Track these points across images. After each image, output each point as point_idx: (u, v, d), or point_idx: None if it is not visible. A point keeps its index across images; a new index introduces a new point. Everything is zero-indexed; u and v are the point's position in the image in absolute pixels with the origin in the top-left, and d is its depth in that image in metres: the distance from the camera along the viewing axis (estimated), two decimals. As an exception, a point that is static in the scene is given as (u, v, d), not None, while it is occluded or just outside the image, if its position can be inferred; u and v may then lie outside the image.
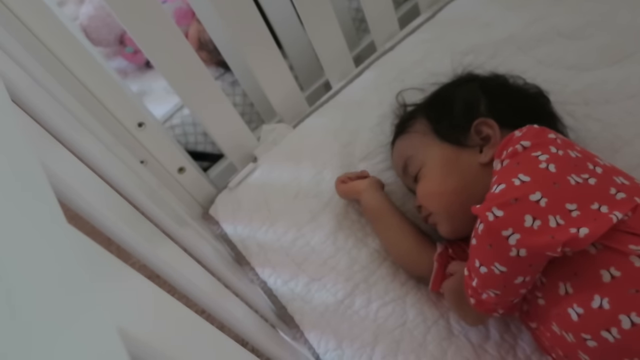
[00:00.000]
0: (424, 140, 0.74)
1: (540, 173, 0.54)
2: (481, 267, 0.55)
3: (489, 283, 0.55)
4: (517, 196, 0.52)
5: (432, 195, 0.70)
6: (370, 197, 0.77)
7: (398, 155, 0.78)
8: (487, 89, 0.75)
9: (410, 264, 0.75)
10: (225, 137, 0.92)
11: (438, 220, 0.71)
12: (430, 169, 0.71)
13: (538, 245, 0.50)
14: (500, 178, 0.56)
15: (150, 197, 0.60)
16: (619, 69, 0.82)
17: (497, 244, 0.52)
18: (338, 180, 0.82)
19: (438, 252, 0.71)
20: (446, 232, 0.71)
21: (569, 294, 0.53)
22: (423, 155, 0.73)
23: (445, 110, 0.75)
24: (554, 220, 0.50)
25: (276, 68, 0.93)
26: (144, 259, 0.44)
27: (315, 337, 0.73)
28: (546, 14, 0.92)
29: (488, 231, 0.53)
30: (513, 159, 0.58)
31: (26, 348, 0.19)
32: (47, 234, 0.25)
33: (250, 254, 0.84)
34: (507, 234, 0.51)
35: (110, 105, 0.76)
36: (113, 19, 1.31)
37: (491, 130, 0.69)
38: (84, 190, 0.38)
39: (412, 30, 1.03)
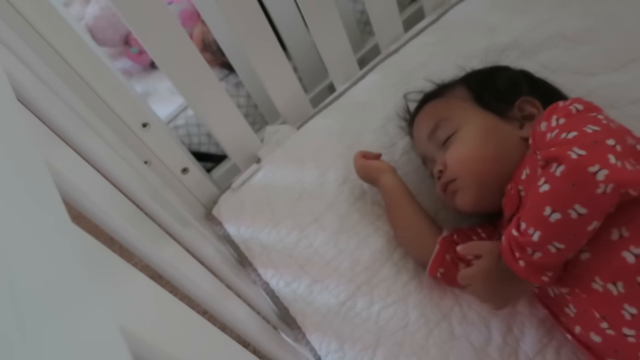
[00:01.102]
0: (463, 105, 0.74)
1: (605, 126, 0.55)
2: (553, 214, 0.51)
3: (558, 233, 0.51)
4: (595, 139, 0.52)
5: (466, 160, 0.69)
6: (392, 177, 0.78)
7: (428, 117, 0.76)
8: (526, 74, 0.77)
9: (416, 246, 0.75)
10: (229, 138, 0.92)
11: (463, 187, 0.69)
12: (467, 133, 0.70)
13: (628, 179, 0.49)
14: (565, 127, 0.56)
15: (153, 198, 0.60)
16: (623, 74, 0.82)
17: (583, 182, 0.49)
18: (359, 154, 0.81)
19: (443, 236, 0.72)
20: (467, 201, 0.69)
21: (623, 237, 0.52)
22: (460, 119, 0.72)
23: (489, 83, 0.76)
24: (629, 165, 0.50)
25: (280, 70, 0.93)
26: (146, 258, 0.44)
27: (317, 339, 0.73)
28: (550, 18, 0.92)
29: (572, 169, 0.50)
30: (571, 118, 0.59)
31: (29, 346, 0.19)
32: (51, 233, 0.25)
33: (253, 255, 0.84)
34: (595, 169, 0.49)
35: (115, 105, 0.76)
36: (119, 20, 1.32)
37: (535, 110, 0.71)
38: (88, 189, 0.38)
39: (417, 33, 1.03)
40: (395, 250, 0.79)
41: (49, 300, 0.21)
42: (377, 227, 0.81)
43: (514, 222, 0.56)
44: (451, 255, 0.70)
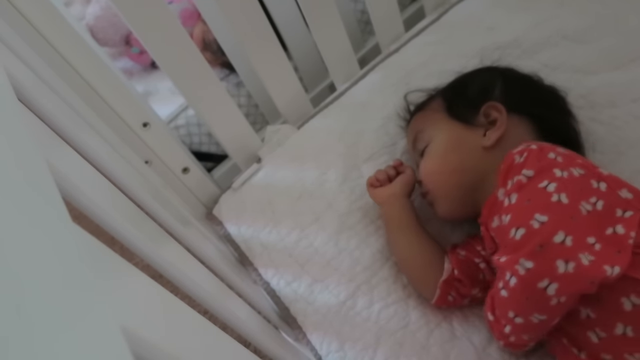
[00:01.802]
0: (435, 116, 0.75)
1: (555, 208, 0.53)
2: (516, 318, 0.54)
3: (525, 330, 0.55)
4: (541, 242, 0.50)
5: (432, 173, 0.72)
6: (388, 210, 0.77)
7: (410, 130, 0.80)
8: (506, 76, 0.76)
9: (415, 281, 0.74)
10: (229, 137, 0.92)
11: (434, 199, 0.72)
12: (434, 146, 0.72)
13: (578, 290, 0.50)
14: (515, 219, 0.54)
15: (154, 197, 0.60)
16: (624, 73, 0.82)
17: (534, 297, 0.50)
18: (368, 183, 0.81)
19: (443, 279, 0.70)
20: (441, 212, 0.72)
21: (590, 319, 0.53)
22: (432, 131, 0.74)
23: (461, 90, 0.76)
24: (585, 258, 0.49)
25: (281, 69, 0.93)
26: (147, 258, 0.44)
27: (317, 339, 0.73)
28: (551, 17, 0.92)
29: (523, 285, 0.51)
30: (521, 193, 0.56)
31: (30, 345, 0.19)
32: (52, 232, 0.25)
33: (253, 254, 0.84)
34: (544, 285, 0.49)
35: (116, 105, 0.76)
36: (119, 19, 1.32)
37: (498, 115, 0.69)
38: (89, 189, 0.38)
39: (417, 33, 1.03)
40: (396, 250, 0.79)
41: (50, 299, 0.21)
42: (377, 226, 0.81)
43: (490, 303, 0.59)
44: (454, 295, 0.70)
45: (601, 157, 0.76)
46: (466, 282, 0.69)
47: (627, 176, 0.72)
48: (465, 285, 0.69)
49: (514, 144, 0.64)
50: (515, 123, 0.69)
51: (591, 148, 0.75)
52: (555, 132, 0.70)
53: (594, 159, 0.75)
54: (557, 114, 0.73)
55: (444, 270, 0.71)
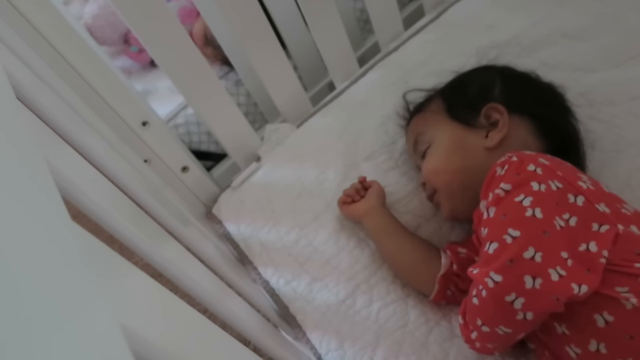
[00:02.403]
0: (435, 118, 0.75)
1: (528, 224, 0.53)
2: (483, 327, 0.54)
3: (490, 339, 0.56)
4: (511, 257, 0.51)
5: (435, 172, 0.72)
6: (371, 221, 0.77)
7: (410, 131, 0.80)
8: (504, 75, 0.76)
9: (413, 281, 0.75)
10: (228, 136, 0.92)
11: (441, 199, 0.73)
12: (437, 146, 0.73)
13: (544, 308, 0.50)
14: (490, 233, 0.55)
15: (153, 196, 0.60)
16: (623, 71, 0.81)
17: (502, 309, 0.51)
18: (340, 202, 0.81)
19: (441, 273, 0.70)
20: (447, 211, 0.73)
21: (566, 334, 0.54)
22: (433, 132, 0.74)
23: (460, 91, 0.76)
24: (556, 273, 0.49)
25: (280, 68, 0.93)
26: (147, 257, 0.44)
27: (317, 337, 0.73)
28: (550, 15, 0.92)
29: (491, 297, 0.52)
30: (498, 208, 0.57)
31: (29, 343, 0.19)
32: (51, 231, 0.25)
33: (253, 253, 0.84)
34: (511, 299, 0.50)
35: (115, 104, 0.76)
36: (117, 18, 1.31)
37: (500, 117, 0.70)
38: (88, 188, 0.38)
39: (417, 31, 1.03)
40: (396, 249, 0.79)
41: (50, 298, 0.21)
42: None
43: (462, 308, 0.60)
44: (452, 290, 0.71)
45: (600, 155, 0.76)
46: (465, 277, 0.69)
47: (626, 174, 0.73)
48: (464, 280, 0.69)
49: (515, 143, 0.65)
50: (516, 123, 0.70)
51: (590, 146, 0.75)
52: (555, 130, 0.70)
53: (593, 157, 0.75)
54: (557, 112, 0.73)
55: (441, 266, 0.71)
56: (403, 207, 0.81)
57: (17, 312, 0.19)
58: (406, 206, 0.81)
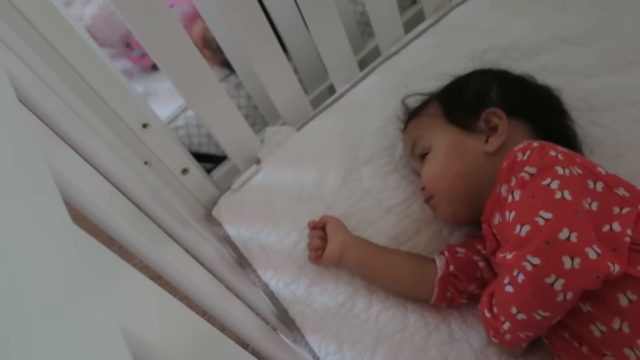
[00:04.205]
0: (433, 122, 0.75)
1: (559, 205, 0.52)
2: (519, 315, 0.53)
3: (525, 327, 0.55)
4: (546, 239, 0.50)
5: (435, 178, 0.72)
6: (351, 257, 0.75)
7: (407, 137, 0.80)
8: (501, 79, 0.76)
9: (410, 295, 0.74)
10: (229, 139, 0.92)
11: (438, 203, 0.73)
12: (436, 151, 0.73)
13: (584, 286, 0.50)
14: (519, 216, 0.55)
15: (153, 198, 0.60)
16: (623, 76, 0.82)
17: (541, 293, 0.50)
18: (313, 257, 0.77)
19: (439, 276, 0.70)
20: (445, 215, 0.73)
21: (590, 313, 0.53)
22: (431, 137, 0.74)
23: (457, 95, 0.76)
24: (593, 252, 0.49)
25: (281, 71, 0.93)
26: (146, 259, 0.44)
27: (316, 341, 0.73)
28: (550, 20, 0.92)
29: (530, 281, 0.51)
30: (525, 191, 0.56)
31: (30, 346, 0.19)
32: (52, 232, 0.25)
33: (252, 256, 0.84)
34: (551, 280, 0.49)
35: (115, 105, 0.76)
36: (117, 18, 1.31)
37: (500, 121, 0.70)
38: (89, 189, 0.38)
39: (417, 35, 1.03)
40: (395, 252, 0.79)
41: (50, 300, 0.21)
42: (376, 229, 0.81)
43: (487, 301, 0.59)
44: (451, 291, 0.71)
45: (600, 161, 0.76)
46: (462, 278, 0.70)
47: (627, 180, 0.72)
48: (461, 280, 0.70)
49: (514, 147, 0.65)
50: (514, 127, 0.70)
51: (590, 151, 0.76)
52: (552, 133, 0.70)
53: (593, 162, 0.75)
54: (553, 114, 0.74)
55: (437, 269, 0.71)
56: (403, 211, 0.81)
57: (17, 313, 0.19)
58: (406, 210, 0.81)
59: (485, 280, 0.70)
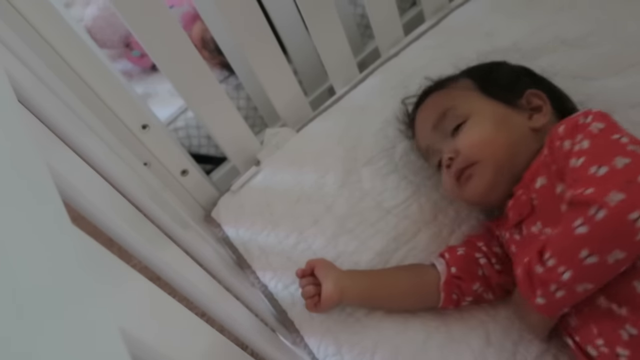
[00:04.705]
0: (468, 94, 0.74)
1: (634, 154, 0.53)
2: (589, 258, 0.50)
3: (591, 275, 0.52)
4: (627, 179, 0.49)
5: (483, 143, 0.68)
6: (349, 295, 0.72)
7: (433, 107, 0.76)
8: (526, 70, 0.79)
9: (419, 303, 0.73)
10: (228, 140, 0.92)
11: (479, 171, 0.68)
12: (479, 120, 0.70)
13: None
14: (593, 159, 0.54)
15: (152, 199, 0.60)
16: (622, 78, 0.82)
17: (623, 229, 0.49)
18: (310, 305, 0.72)
19: (443, 281, 0.70)
20: (481, 187, 0.68)
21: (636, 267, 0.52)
22: (469, 107, 0.72)
23: (493, 74, 0.77)
24: None
25: (280, 72, 0.93)
26: (145, 260, 0.44)
27: (314, 342, 0.73)
28: (550, 22, 0.92)
29: (612, 217, 0.49)
30: (595, 141, 0.57)
31: (29, 347, 0.19)
32: (51, 234, 0.25)
33: (251, 257, 0.84)
34: (635, 216, 0.48)
35: (115, 106, 0.76)
36: (117, 19, 1.32)
37: (542, 102, 0.71)
38: (88, 191, 0.38)
39: (417, 37, 1.03)
40: (394, 254, 0.79)
41: (49, 301, 0.21)
42: (376, 230, 0.81)
43: (536, 257, 0.55)
44: (457, 293, 0.70)
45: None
46: (465, 278, 0.70)
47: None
48: (465, 280, 0.70)
49: (548, 128, 0.67)
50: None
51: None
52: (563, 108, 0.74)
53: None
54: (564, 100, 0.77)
55: (439, 274, 0.71)
56: (402, 212, 0.81)
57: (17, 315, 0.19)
58: (405, 211, 0.81)
59: (487, 277, 0.70)
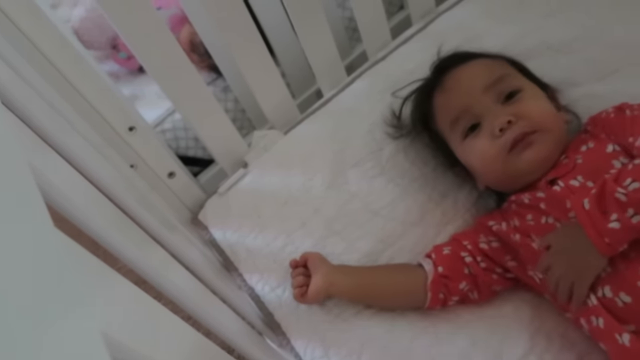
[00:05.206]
0: (515, 71, 0.76)
1: None
2: None
3: None
4: None
5: (551, 115, 0.70)
6: (338, 287, 0.73)
7: (488, 69, 0.74)
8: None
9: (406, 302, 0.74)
10: (216, 142, 0.92)
11: (544, 139, 0.67)
12: (535, 94, 0.72)
13: None
14: None
15: (139, 202, 0.59)
16: (606, 84, 0.83)
17: None
18: (297, 295, 0.73)
19: (430, 280, 0.71)
20: (542, 155, 0.67)
21: None
22: (522, 81, 0.74)
23: (521, 64, 0.79)
24: None
25: (268, 75, 0.93)
26: (131, 263, 0.44)
27: (301, 345, 0.73)
28: (537, 27, 0.93)
29: None
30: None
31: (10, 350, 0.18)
32: (34, 237, 0.25)
33: (238, 259, 0.83)
34: None
35: (102, 108, 0.76)
36: (105, 21, 1.31)
37: (561, 105, 0.76)
38: (73, 193, 0.38)
39: (404, 41, 1.04)
40: (382, 255, 0.79)
41: (30, 305, 0.21)
42: (364, 231, 0.81)
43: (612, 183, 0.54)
44: (444, 293, 0.71)
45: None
46: (452, 277, 0.70)
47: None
48: (452, 280, 0.70)
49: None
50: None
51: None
52: None
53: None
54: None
55: (427, 273, 0.71)
56: (388, 213, 0.81)
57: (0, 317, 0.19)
58: (391, 212, 0.81)
59: (474, 275, 0.70)
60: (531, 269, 0.67)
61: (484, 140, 0.70)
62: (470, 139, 0.72)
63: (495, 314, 0.71)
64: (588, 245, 0.55)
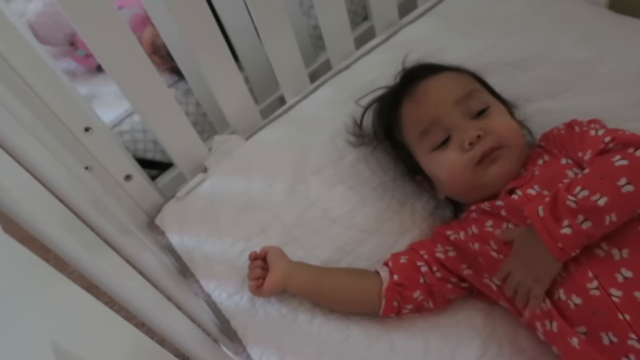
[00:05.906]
0: (483, 88, 0.79)
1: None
2: (626, 186, 0.55)
3: (623, 203, 0.56)
4: None
5: (517, 131, 0.73)
6: (294, 282, 0.74)
7: (458, 83, 0.76)
8: None
9: (359, 307, 0.74)
10: (175, 145, 0.90)
11: (509, 155, 0.70)
12: (502, 111, 0.75)
13: None
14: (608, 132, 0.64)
15: (93, 205, 0.58)
16: (559, 101, 0.86)
17: None
18: (253, 287, 0.74)
19: (385, 287, 0.71)
20: (506, 169, 0.70)
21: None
22: (489, 97, 0.76)
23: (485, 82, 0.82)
24: None
25: (231, 79, 0.92)
26: (82, 268, 0.43)
27: (257, 352, 0.72)
28: (496, 44, 0.96)
29: None
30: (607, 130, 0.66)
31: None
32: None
33: (195, 265, 0.82)
34: None
35: (56, 107, 0.73)
36: (62, 17, 1.27)
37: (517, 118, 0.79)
38: (20, 194, 0.37)
39: (368, 51, 1.06)
40: (340, 263, 0.79)
41: (-28, 312, 0.20)
42: (322, 239, 0.81)
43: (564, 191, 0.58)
44: (399, 300, 0.71)
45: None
46: (408, 285, 0.71)
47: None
48: (407, 288, 0.71)
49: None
50: None
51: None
52: None
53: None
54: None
55: (382, 280, 0.72)
56: (347, 221, 0.82)
57: None
58: (350, 221, 0.82)
59: (429, 285, 0.71)
60: (488, 277, 0.69)
61: (454, 153, 0.71)
62: (438, 151, 0.74)
63: (449, 322, 0.72)
64: (543, 250, 0.58)
